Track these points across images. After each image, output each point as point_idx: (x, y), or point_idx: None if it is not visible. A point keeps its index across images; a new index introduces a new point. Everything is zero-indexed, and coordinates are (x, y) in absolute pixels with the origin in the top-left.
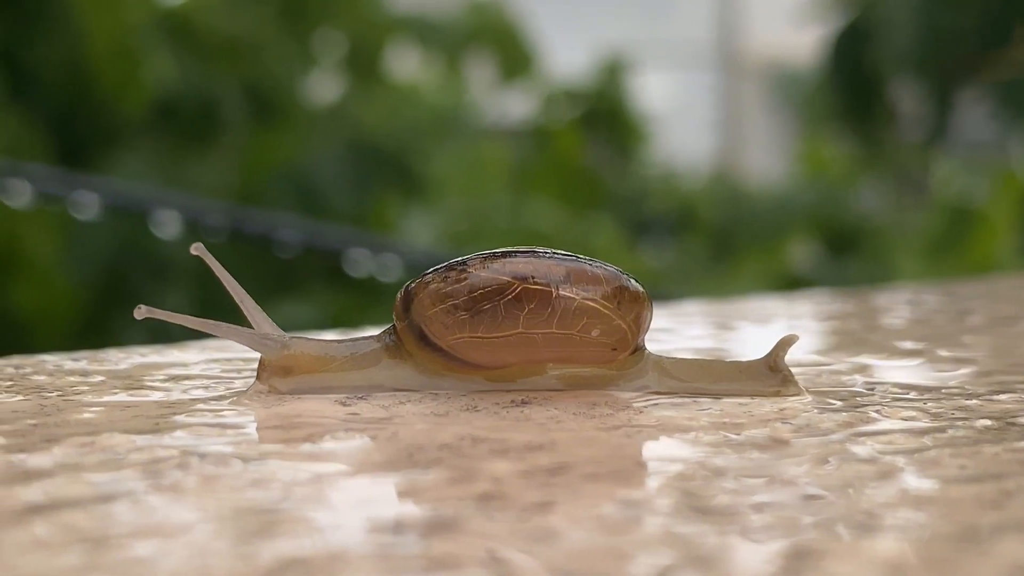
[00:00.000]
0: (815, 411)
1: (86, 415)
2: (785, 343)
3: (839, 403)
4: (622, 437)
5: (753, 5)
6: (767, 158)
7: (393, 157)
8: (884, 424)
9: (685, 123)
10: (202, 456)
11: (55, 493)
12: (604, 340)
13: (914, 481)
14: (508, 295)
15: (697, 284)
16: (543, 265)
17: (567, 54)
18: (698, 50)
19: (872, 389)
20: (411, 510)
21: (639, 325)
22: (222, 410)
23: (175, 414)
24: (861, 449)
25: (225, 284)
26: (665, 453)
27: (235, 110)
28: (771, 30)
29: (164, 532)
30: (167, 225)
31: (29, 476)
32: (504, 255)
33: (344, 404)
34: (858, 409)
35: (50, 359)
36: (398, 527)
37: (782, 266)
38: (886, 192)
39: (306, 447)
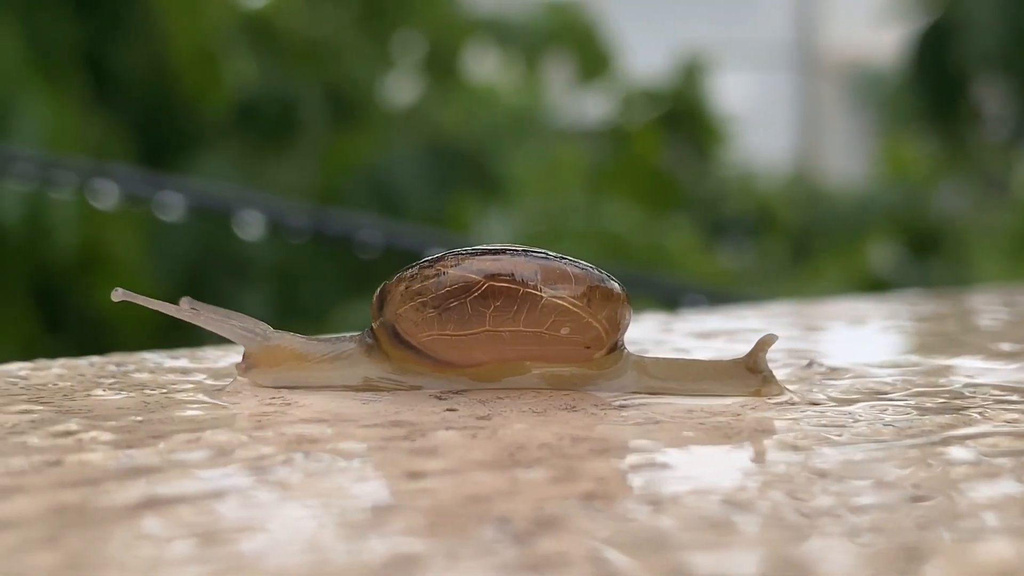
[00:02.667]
0: (915, 413)
1: (189, 412)
2: (765, 343)
3: (940, 405)
4: (722, 438)
5: (833, 5)
6: (847, 159)
7: (471, 158)
8: (986, 427)
9: (764, 124)
10: (306, 453)
11: (163, 489)
12: (576, 338)
13: (1020, 485)
14: (474, 292)
15: (776, 286)
16: (510, 263)
17: (645, 55)
18: (777, 50)
19: (973, 391)
20: (516, 508)
21: (613, 324)
22: (322, 407)
23: (277, 412)
24: (965, 452)
25: (201, 320)
26: (767, 454)
27: (315, 112)
28: (851, 30)
29: (273, 528)
30: (250, 226)
31: (137, 472)
32: (476, 253)
33: (441, 398)
34: (960, 412)
35: (150, 357)
36: (504, 525)
37: (862, 268)
38: (968, 192)
39: (406, 444)
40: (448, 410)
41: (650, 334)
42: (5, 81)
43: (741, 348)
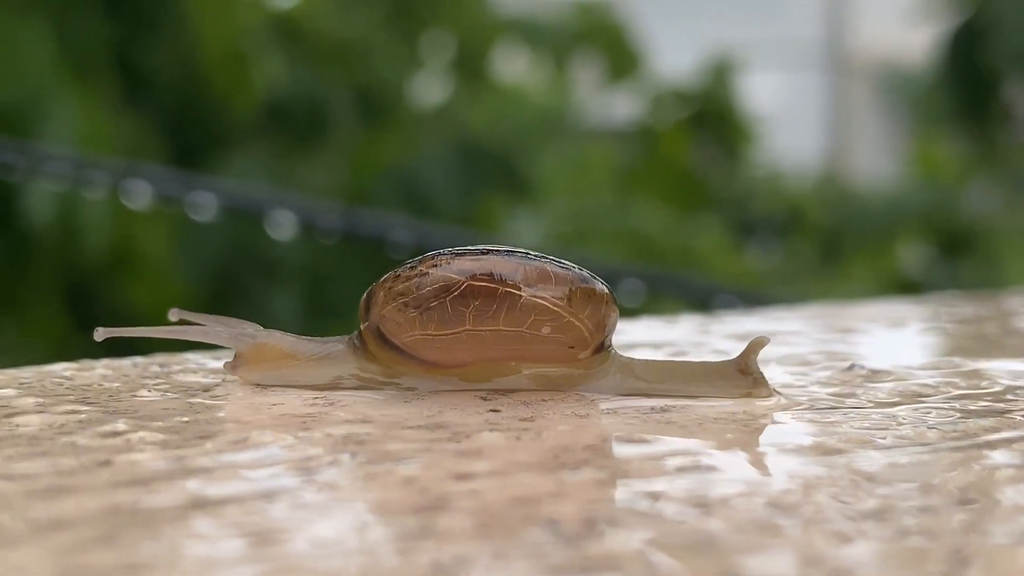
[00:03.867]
0: (958, 416)
1: (235, 413)
2: (756, 345)
3: (983, 408)
4: (766, 441)
5: (864, 4)
6: (877, 159)
7: (499, 158)
8: None
9: (794, 124)
10: (353, 454)
11: (212, 489)
12: (558, 337)
13: None
14: (454, 292)
15: (805, 287)
16: (490, 263)
17: (674, 55)
18: (807, 50)
19: (1016, 394)
20: (564, 510)
21: (597, 323)
22: (365, 408)
23: (322, 412)
24: (1009, 455)
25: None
26: (811, 457)
27: (344, 112)
28: (882, 29)
29: (322, 529)
30: (281, 226)
31: (186, 472)
32: (461, 253)
33: (485, 399)
34: (1003, 415)
35: (193, 357)
36: (552, 527)
37: (892, 268)
38: (999, 193)
39: (452, 446)
40: (491, 411)
41: (688, 336)
42: (37, 82)
43: (779, 351)
